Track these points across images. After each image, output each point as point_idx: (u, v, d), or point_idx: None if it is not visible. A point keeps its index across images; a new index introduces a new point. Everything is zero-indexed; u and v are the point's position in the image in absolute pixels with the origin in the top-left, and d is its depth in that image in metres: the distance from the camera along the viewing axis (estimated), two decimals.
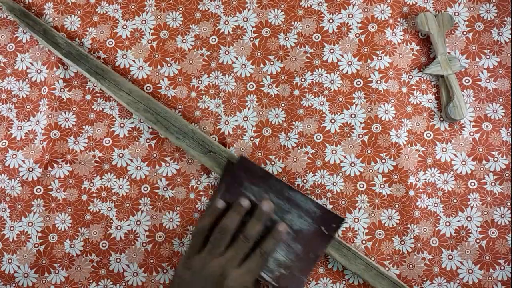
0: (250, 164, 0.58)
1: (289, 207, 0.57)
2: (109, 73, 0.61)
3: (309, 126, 0.61)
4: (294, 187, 0.58)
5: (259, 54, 0.62)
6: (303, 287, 0.56)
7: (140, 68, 0.63)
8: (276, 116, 0.62)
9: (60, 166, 0.62)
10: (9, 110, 0.63)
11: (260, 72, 0.62)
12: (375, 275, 0.57)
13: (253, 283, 0.54)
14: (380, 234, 0.59)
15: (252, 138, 0.61)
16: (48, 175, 0.62)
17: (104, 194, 0.62)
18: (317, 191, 0.60)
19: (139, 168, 0.62)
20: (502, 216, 0.59)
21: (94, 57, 0.62)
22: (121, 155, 0.62)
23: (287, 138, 0.61)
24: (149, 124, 0.61)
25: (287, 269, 0.56)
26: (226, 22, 0.63)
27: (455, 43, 0.61)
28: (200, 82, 0.62)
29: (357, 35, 0.62)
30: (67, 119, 0.62)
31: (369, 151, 0.60)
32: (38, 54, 0.63)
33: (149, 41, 0.63)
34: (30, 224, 0.62)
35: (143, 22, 0.63)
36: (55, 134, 0.62)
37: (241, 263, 0.54)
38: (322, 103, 0.61)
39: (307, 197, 0.57)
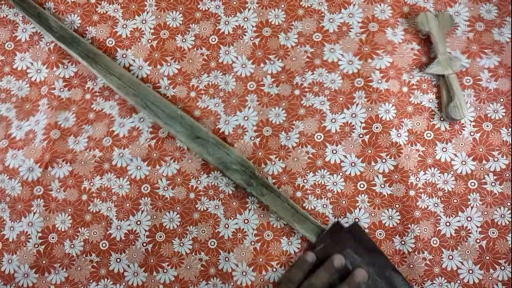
0: (361, 233, 0.58)
1: (384, 287, 0.56)
2: (100, 57, 0.61)
3: (309, 126, 0.61)
4: (397, 269, 0.57)
5: (259, 53, 0.62)
6: None
7: (140, 67, 0.63)
8: (277, 115, 0.61)
9: (60, 166, 0.62)
10: (8, 110, 0.63)
11: (260, 71, 0.62)
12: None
13: None
14: (380, 234, 0.59)
15: (252, 138, 0.61)
16: (48, 175, 0.62)
17: (104, 194, 0.62)
18: (317, 190, 0.60)
19: (139, 167, 0.62)
20: (502, 216, 0.59)
21: (87, 41, 0.62)
22: (121, 154, 0.62)
23: (288, 138, 0.61)
24: (138, 109, 0.61)
25: None
26: (227, 22, 0.63)
27: (456, 43, 0.61)
28: (199, 81, 0.62)
29: (358, 35, 0.62)
30: (67, 119, 0.62)
31: (369, 151, 0.60)
32: (38, 54, 0.63)
33: (149, 41, 0.63)
34: (30, 224, 0.61)
35: (143, 21, 0.63)
36: (55, 134, 0.62)
37: None
38: (322, 103, 0.61)
39: (407, 283, 0.56)
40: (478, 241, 0.59)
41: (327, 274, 0.55)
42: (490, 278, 0.58)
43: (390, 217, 0.59)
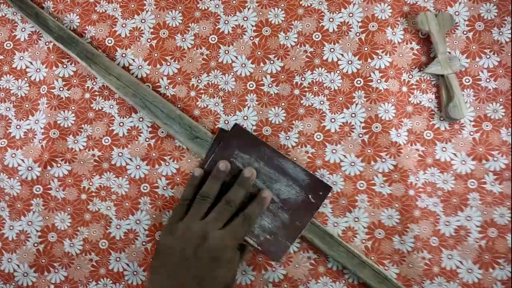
0: (243, 132, 0.59)
1: (278, 175, 0.57)
2: (99, 57, 0.61)
3: (309, 125, 0.61)
4: (284, 155, 0.58)
5: (259, 53, 0.62)
6: (287, 251, 0.57)
7: (140, 67, 0.63)
8: (276, 115, 0.61)
9: (59, 165, 0.62)
10: (8, 109, 0.63)
11: (260, 71, 0.62)
12: (357, 263, 0.57)
13: (235, 245, 0.54)
14: (380, 234, 0.60)
15: None
16: (47, 174, 0.62)
17: (103, 193, 0.62)
18: None
19: (138, 167, 0.62)
20: (502, 215, 0.59)
21: (85, 41, 0.62)
22: (120, 154, 0.62)
23: (287, 137, 0.61)
24: (137, 109, 0.61)
25: (272, 235, 0.57)
26: (226, 22, 0.63)
27: (456, 42, 0.61)
28: (199, 81, 0.62)
29: (358, 34, 0.62)
30: (66, 118, 0.62)
31: (369, 151, 0.60)
32: (37, 53, 0.63)
33: (149, 40, 0.63)
34: (29, 223, 0.61)
35: (143, 20, 0.63)
36: (54, 133, 0.62)
37: (223, 226, 0.54)
38: (322, 102, 0.61)
39: (297, 165, 0.58)
40: (477, 240, 0.59)
41: (216, 180, 0.55)
42: (489, 277, 0.58)
43: (390, 217, 0.60)
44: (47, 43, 0.64)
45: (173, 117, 0.60)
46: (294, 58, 0.62)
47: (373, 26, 0.61)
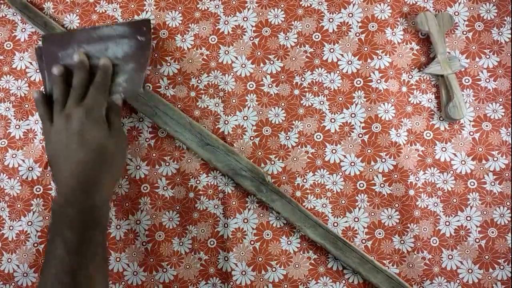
0: (53, 36, 0.61)
1: (104, 44, 0.60)
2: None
3: (309, 126, 0.61)
4: (94, 26, 0.62)
5: (259, 53, 0.62)
6: (143, 79, 0.60)
7: None
8: (276, 115, 0.61)
9: None
10: (7, 109, 0.63)
11: (260, 71, 0.62)
12: (370, 268, 0.57)
13: (102, 105, 0.57)
14: (380, 234, 0.60)
15: (252, 138, 0.61)
16: (47, 175, 0.62)
17: None
18: (317, 190, 0.60)
19: (138, 167, 0.62)
20: (502, 215, 0.59)
21: None
22: None
23: (287, 138, 0.61)
24: (147, 117, 0.61)
25: (127, 81, 0.59)
26: (226, 22, 0.63)
27: (455, 42, 0.61)
28: (199, 81, 0.62)
29: (357, 35, 0.62)
30: None
31: (369, 151, 0.60)
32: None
33: None
34: (29, 223, 0.61)
35: None
36: None
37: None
38: (322, 103, 0.61)
39: (110, 25, 0.61)
40: (477, 240, 0.59)
41: (58, 85, 0.58)
42: (490, 277, 0.59)
43: (390, 217, 0.60)
44: None
45: (183, 124, 0.60)
46: (294, 59, 0.62)
47: (372, 27, 0.62)
